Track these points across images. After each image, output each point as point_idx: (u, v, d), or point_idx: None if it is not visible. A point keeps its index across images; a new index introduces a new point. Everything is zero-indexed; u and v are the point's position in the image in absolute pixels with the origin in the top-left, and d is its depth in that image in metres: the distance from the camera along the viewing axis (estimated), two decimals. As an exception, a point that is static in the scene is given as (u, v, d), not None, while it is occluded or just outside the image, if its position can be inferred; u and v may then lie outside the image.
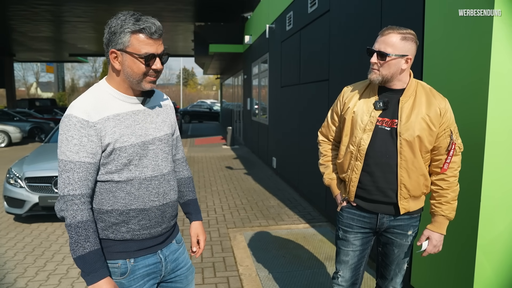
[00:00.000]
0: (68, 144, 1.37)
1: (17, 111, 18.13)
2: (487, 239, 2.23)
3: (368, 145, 1.86)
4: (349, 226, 2.02)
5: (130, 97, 1.50)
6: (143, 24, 1.37)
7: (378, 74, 1.81)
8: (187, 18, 13.84)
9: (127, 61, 1.41)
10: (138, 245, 1.51)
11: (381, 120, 1.86)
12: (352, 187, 1.94)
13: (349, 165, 1.94)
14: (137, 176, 1.48)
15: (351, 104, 1.94)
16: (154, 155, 1.53)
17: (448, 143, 1.82)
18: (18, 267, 3.74)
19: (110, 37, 1.40)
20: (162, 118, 1.60)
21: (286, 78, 6.96)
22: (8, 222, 5.16)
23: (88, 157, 1.38)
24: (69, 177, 1.37)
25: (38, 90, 53.46)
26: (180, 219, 5.11)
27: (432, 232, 1.91)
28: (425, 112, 1.80)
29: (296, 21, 6.20)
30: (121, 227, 1.47)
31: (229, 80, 18.96)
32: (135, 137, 1.47)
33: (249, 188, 6.87)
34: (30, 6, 12.16)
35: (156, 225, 1.54)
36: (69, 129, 1.37)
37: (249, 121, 11.76)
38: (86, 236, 1.37)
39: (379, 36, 1.80)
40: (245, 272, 3.51)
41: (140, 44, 1.38)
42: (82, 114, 1.38)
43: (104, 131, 1.40)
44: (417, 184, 1.85)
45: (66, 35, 17.58)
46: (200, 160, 10.16)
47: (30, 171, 4.98)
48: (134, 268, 1.51)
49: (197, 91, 65.62)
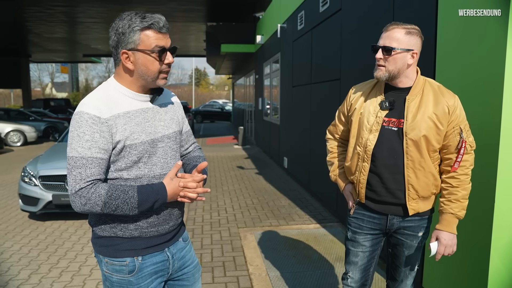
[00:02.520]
0: (80, 140, 1.35)
1: (32, 111, 18.48)
2: (502, 241, 2.18)
3: (374, 146, 1.83)
4: (358, 227, 1.99)
5: (139, 94, 1.49)
6: (150, 20, 1.38)
7: (384, 70, 1.78)
8: (199, 18, 13.90)
9: (140, 59, 1.41)
10: (145, 243, 1.52)
11: (387, 120, 1.83)
12: (361, 188, 1.92)
13: (357, 166, 1.92)
14: (146, 173, 1.48)
15: (358, 105, 1.92)
16: (164, 153, 1.53)
17: (457, 141, 1.77)
18: (32, 264, 3.80)
19: (119, 38, 1.40)
20: (170, 115, 1.60)
21: (298, 78, 6.93)
22: (23, 220, 5.25)
23: (100, 153, 1.37)
24: (81, 173, 1.35)
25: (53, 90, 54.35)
26: (191, 219, 5.13)
27: (441, 231, 1.83)
28: (432, 110, 1.75)
29: (308, 21, 6.17)
30: (129, 224, 1.47)
31: (241, 80, 18.98)
32: (145, 134, 1.46)
33: (260, 188, 6.86)
34: (45, 8, 12.36)
35: (164, 223, 1.54)
36: (80, 126, 1.36)
37: (261, 121, 11.75)
38: (123, 191, 1.38)
39: (383, 32, 1.78)
40: (255, 272, 3.50)
41: (150, 39, 1.39)
42: (94, 110, 1.37)
43: (115, 128, 1.40)
44: (425, 184, 1.81)
45: (80, 36, 17.82)
46: (212, 160, 10.19)
47: (44, 170, 5.06)
48: (142, 266, 1.51)
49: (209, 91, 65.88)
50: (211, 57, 14.74)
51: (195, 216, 5.22)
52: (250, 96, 14.79)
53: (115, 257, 1.49)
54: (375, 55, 1.79)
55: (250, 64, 14.03)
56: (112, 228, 1.48)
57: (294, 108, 7.29)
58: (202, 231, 4.63)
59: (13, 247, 4.25)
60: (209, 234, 4.54)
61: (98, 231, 1.51)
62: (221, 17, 13.33)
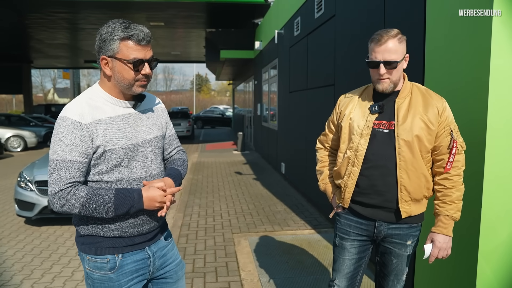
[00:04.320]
0: (61, 144, 1.42)
1: (33, 116, 18.56)
2: (489, 247, 2.18)
3: (366, 149, 1.84)
4: (346, 233, 1.97)
5: (121, 101, 1.56)
6: (131, 31, 1.44)
7: (389, 82, 1.78)
8: (199, 24, 13.96)
9: (116, 67, 1.47)
10: (126, 242, 1.57)
11: (378, 123, 1.83)
12: (348, 193, 1.90)
13: (346, 170, 1.90)
14: (127, 176, 1.53)
15: (347, 111, 1.93)
16: (144, 157, 1.59)
17: (449, 141, 1.77)
18: (25, 269, 3.80)
19: (101, 44, 1.47)
20: (152, 121, 1.66)
21: (295, 84, 6.96)
22: (18, 225, 5.26)
23: (80, 157, 1.43)
24: (61, 175, 1.40)
25: (55, 96, 54.61)
26: (186, 224, 5.13)
27: (436, 234, 1.82)
28: (423, 111, 1.77)
29: (304, 27, 6.21)
30: (110, 224, 1.53)
31: (241, 86, 19.05)
32: (125, 139, 1.52)
33: (257, 194, 6.86)
34: (47, 14, 12.44)
35: (144, 223, 1.59)
36: (62, 130, 1.43)
37: (259, 126, 11.77)
38: (100, 195, 1.43)
39: (375, 45, 1.76)
40: (247, 277, 3.49)
41: (129, 50, 1.45)
42: (76, 116, 1.43)
43: (96, 133, 1.46)
44: (418, 186, 1.80)
45: (81, 42, 17.91)
46: (210, 165, 10.20)
47: (40, 175, 5.08)
48: (122, 263, 1.56)
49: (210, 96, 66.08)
50: (210, 63, 14.82)
51: (190, 222, 5.22)
52: (249, 102, 14.83)
53: (96, 254, 1.54)
54: (377, 70, 1.77)
55: (249, 70, 14.09)
56: (93, 228, 1.53)
57: (291, 114, 7.31)
58: (196, 237, 4.63)
59: (7, 252, 4.25)
60: (203, 239, 4.54)
61: (80, 230, 1.56)
62: (221, 24, 13.39)
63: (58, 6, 11.34)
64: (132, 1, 10.67)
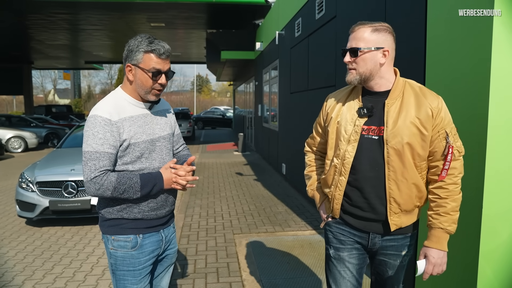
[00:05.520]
0: (95, 138, 1.67)
1: (34, 117, 18.57)
2: (489, 246, 2.18)
3: (353, 157, 1.68)
4: (341, 243, 1.81)
5: (140, 102, 1.83)
6: (154, 46, 1.70)
7: (355, 73, 1.66)
8: (200, 25, 13.96)
9: (138, 74, 1.74)
10: (146, 224, 1.83)
11: (367, 128, 1.67)
12: (336, 204, 1.76)
13: (333, 180, 1.76)
14: (147, 166, 1.81)
15: (334, 114, 1.78)
16: (160, 150, 1.87)
17: (444, 146, 1.60)
18: (27, 270, 3.80)
19: (128, 53, 1.74)
20: (165, 120, 1.95)
21: (295, 84, 6.97)
22: (20, 226, 5.26)
23: (110, 149, 1.69)
24: (95, 164, 1.66)
25: (55, 96, 54.61)
26: (187, 225, 5.13)
27: (429, 248, 1.65)
28: (415, 114, 1.60)
29: (305, 27, 6.21)
30: (133, 208, 1.79)
31: (241, 87, 19.06)
32: (145, 135, 1.80)
33: (258, 194, 6.86)
34: (47, 15, 12.45)
35: (161, 208, 1.87)
36: (95, 126, 1.68)
37: (260, 127, 11.78)
38: (128, 178, 1.70)
39: (349, 35, 1.68)
40: (248, 278, 3.50)
41: (150, 61, 1.71)
42: (106, 114, 1.70)
43: (123, 129, 1.72)
44: (409, 197, 1.65)
45: (82, 42, 17.92)
46: (211, 166, 10.20)
47: (42, 176, 5.09)
48: (142, 243, 1.83)
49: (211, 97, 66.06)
50: (211, 64, 14.82)
51: (191, 223, 5.22)
52: (250, 103, 14.84)
53: (121, 234, 1.80)
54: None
55: (250, 71, 14.09)
56: (119, 212, 1.79)
57: (292, 115, 7.31)
58: (197, 237, 4.63)
59: (8, 253, 4.26)
60: (205, 240, 4.54)
61: (106, 214, 1.81)
62: (221, 24, 13.40)
63: (58, 7, 11.35)
64: (132, 2, 10.68)
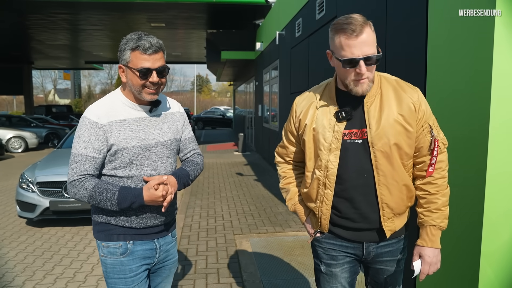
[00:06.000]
0: (79, 140, 1.62)
1: (34, 117, 18.58)
2: (491, 248, 2.18)
3: (338, 167, 1.54)
4: (333, 258, 1.68)
5: (138, 105, 1.71)
6: (139, 42, 1.57)
7: (367, 81, 1.46)
8: (200, 25, 13.97)
9: (129, 74, 1.63)
10: (136, 231, 1.73)
11: (348, 133, 1.53)
12: (324, 220, 1.62)
13: (317, 194, 1.61)
14: (138, 174, 1.69)
15: (308, 120, 1.59)
16: (155, 157, 1.73)
17: (429, 141, 1.53)
18: (27, 270, 3.80)
19: (119, 54, 1.65)
20: (168, 124, 1.80)
21: (296, 85, 6.97)
22: (20, 226, 5.26)
23: (94, 152, 1.61)
24: (76, 167, 1.60)
25: (55, 96, 54.63)
26: (187, 225, 5.13)
27: (424, 247, 1.58)
28: (397, 111, 1.49)
29: (305, 28, 6.21)
30: (121, 216, 1.69)
31: (241, 87, 19.05)
32: (138, 140, 1.68)
33: (258, 195, 6.86)
34: (47, 15, 12.46)
35: (153, 218, 1.74)
36: (81, 128, 1.63)
37: (261, 127, 11.77)
38: (106, 189, 1.60)
39: (349, 38, 1.39)
40: (249, 279, 3.49)
41: (138, 60, 1.59)
42: (93, 117, 1.62)
43: (110, 133, 1.63)
44: (400, 199, 1.56)
45: (82, 43, 17.93)
46: (211, 167, 10.20)
47: (42, 176, 5.08)
48: (133, 250, 1.72)
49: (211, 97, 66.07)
50: (211, 64, 14.82)
51: (192, 223, 5.22)
52: (250, 103, 14.84)
53: (110, 240, 1.70)
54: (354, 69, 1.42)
55: (250, 71, 14.09)
56: (106, 216, 1.70)
57: (292, 115, 7.30)
58: (198, 238, 4.63)
59: (9, 253, 4.26)
60: (205, 240, 4.54)
61: (96, 218, 1.73)
62: (222, 24, 13.40)
63: (58, 7, 11.36)
64: (133, 2, 10.68)
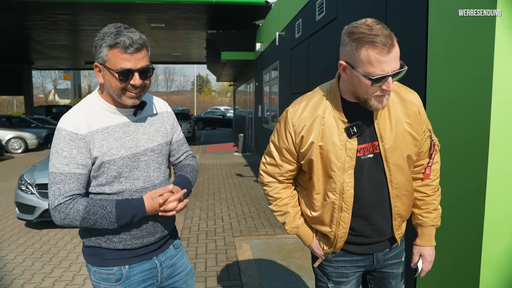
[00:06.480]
0: (59, 156, 1.38)
1: (34, 117, 18.58)
2: (492, 252, 2.16)
3: (353, 187, 1.44)
4: (343, 276, 1.60)
5: (120, 109, 1.48)
6: (118, 38, 1.33)
7: (388, 96, 1.34)
8: (200, 26, 13.96)
9: (106, 75, 1.39)
10: (131, 253, 1.52)
11: (361, 148, 1.42)
12: (339, 243, 1.52)
13: (332, 218, 1.48)
14: (128, 188, 1.48)
15: (313, 136, 1.42)
16: (146, 166, 1.52)
17: (429, 145, 1.52)
18: (26, 273, 3.79)
19: (94, 50, 1.40)
20: (156, 127, 1.58)
21: (295, 86, 6.95)
22: (19, 228, 5.25)
23: (78, 168, 1.39)
24: (60, 189, 1.37)
25: (56, 97, 54.67)
26: (187, 227, 5.12)
27: (424, 247, 1.61)
28: (404, 118, 1.42)
29: (305, 29, 6.20)
30: (113, 236, 1.48)
31: (242, 87, 19.04)
32: (124, 149, 1.46)
33: (258, 196, 6.84)
34: (47, 16, 12.45)
35: (149, 235, 1.54)
36: (59, 142, 1.39)
37: (261, 128, 11.76)
38: (101, 206, 1.39)
39: (381, 54, 1.23)
40: (248, 282, 3.48)
41: (117, 59, 1.35)
42: (71, 127, 1.39)
43: (93, 144, 1.41)
44: (409, 206, 1.55)
45: (82, 43, 17.92)
46: (211, 168, 10.18)
47: (41, 178, 5.07)
48: (129, 274, 1.51)
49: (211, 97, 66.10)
50: (211, 64, 14.80)
51: (191, 225, 5.21)
52: (250, 103, 14.82)
53: (102, 266, 1.50)
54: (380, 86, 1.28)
55: (250, 72, 14.08)
56: (97, 239, 1.49)
57: (292, 116, 7.29)
58: (197, 240, 4.61)
59: (7, 256, 4.24)
60: (204, 243, 4.52)
61: (85, 241, 1.53)
62: (221, 25, 13.40)
63: (58, 7, 11.36)
64: (132, 3, 10.66)
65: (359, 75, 1.28)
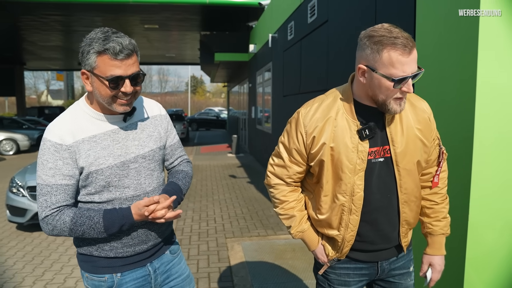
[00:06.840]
0: (44, 168, 1.36)
1: (26, 119, 18.44)
2: (476, 254, 2.20)
3: (363, 190, 1.43)
4: (345, 284, 1.58)
5: (108, 116, 1.44)
6: (107, 44, 1.29)
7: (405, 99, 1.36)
8: (194, 27, 13.97)
9: (95, 82, 1.35)
10: (123, 261, 1.50)
11: (373, 151, 1.42)
12: (347, 247, 1.51)
13: (341, 221, 1.47)
14: (118, 197, 1.45)
15: (324, 137, 1.42)
16: (136, 174, 1.48)
17: (438, 152, 1.53)
18: (17, 276, 3.77)
19: (81, 57, 1.35)
20: (148, 132, 1.53)
21: (288, 87, 6.99)
22: (10, 231, 5.22)
23: (64, 180, 1.37)
24: (46, 201, 1.36)
25: (48, 97, 54.29)
26: (179, 229, 5.12)
27: (434, 256, 1.59)
28: (415, 124, 1.43)
29: (297, 31, 6.23)
30: (104, 245, 1.47)
31: (235, 88, 19.06)
32: (113, 158, 1.42)
33: (251, 197, 6.87)
34: (39, 17, 12.39)
35: (141, 243, 1.51)
36: (44, 153, 1.37)
37: (254, 129, 11.79)
38: (88, 217, 1.38)
39: (402, 55, 1.25)
40: (240, 283, 3.50)
41: (106, 66, 1.31)
42: (55, 138, 1.36)
43: (78, 154, 1.38)
44: (417, 213, 1.55)
45: (75, 44, 17.83)
46: (204, 169, 10.19)
47: (32, 180, 5.04)
48: (121, 282, 1.49)
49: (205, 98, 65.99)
50: (205, 65, 14.80)
51: (184, 226, 5.22)
52: (244, 104, 14.85)
53: (94, 273, 1.49)
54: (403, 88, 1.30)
55: (244, 73, 14.11)
56: (88, 248, 1.49)
57: (285, 118, 7.32)
58: (189, 242, 4.62)
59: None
60: (197, 244, 4.54)
61: (78, 249, 1.53)
62: (215, 26, 13.42)
63: (51, 8, 11.30)
64: (126, 4, 10.64)
65: (381, 77, 1.29)
